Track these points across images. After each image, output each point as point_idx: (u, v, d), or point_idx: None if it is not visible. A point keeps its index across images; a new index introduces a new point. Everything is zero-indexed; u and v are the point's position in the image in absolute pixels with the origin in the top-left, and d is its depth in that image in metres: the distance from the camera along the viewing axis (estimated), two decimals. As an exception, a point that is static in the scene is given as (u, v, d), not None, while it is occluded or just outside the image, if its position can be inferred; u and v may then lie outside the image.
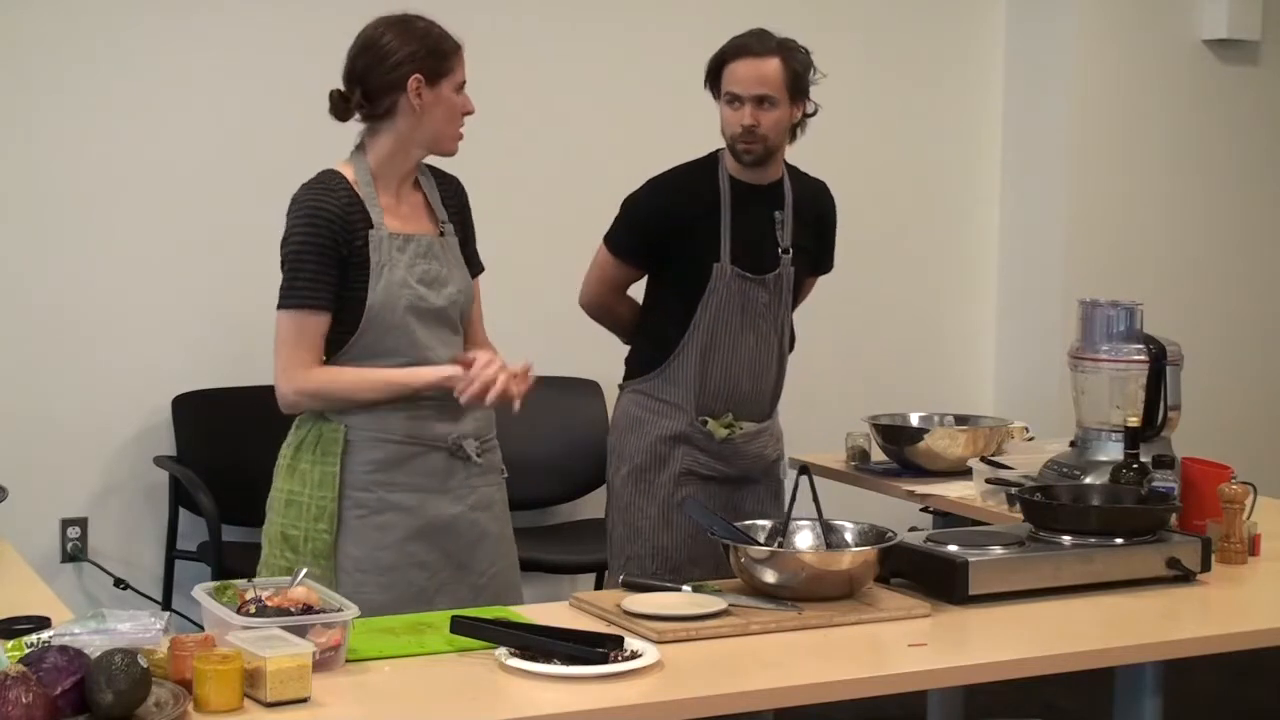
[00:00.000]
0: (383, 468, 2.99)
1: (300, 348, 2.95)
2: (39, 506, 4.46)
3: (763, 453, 3.68)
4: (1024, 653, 2.61)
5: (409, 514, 3.00)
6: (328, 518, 2.98)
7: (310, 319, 2.95)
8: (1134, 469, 3.19)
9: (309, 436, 3.02)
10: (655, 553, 3.58)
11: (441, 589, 3.02)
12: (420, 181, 3.11)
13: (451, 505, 3.04)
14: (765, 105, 3.48)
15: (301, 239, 2.94)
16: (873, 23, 5.57)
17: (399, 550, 3.00)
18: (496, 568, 3.12)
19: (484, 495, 3.10)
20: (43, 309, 4.55)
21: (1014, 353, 5.77)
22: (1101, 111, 5.62)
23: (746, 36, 3.53)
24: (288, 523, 3.02)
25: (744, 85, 3.48)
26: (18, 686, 2.00)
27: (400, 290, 2.97)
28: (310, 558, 2.95)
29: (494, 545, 3.12)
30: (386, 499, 2.99)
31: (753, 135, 3.50)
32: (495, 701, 2.28)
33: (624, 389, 3.71)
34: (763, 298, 3.60)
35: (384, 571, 2.97)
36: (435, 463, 3.02)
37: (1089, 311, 3.54)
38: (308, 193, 2.97)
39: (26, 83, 4.50)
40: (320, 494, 2.98)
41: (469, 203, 3.21)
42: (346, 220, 2.95)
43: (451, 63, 3.01)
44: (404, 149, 3.02)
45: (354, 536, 2.99)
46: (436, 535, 3.03)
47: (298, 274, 2.94)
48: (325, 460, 2.99)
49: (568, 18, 5.12)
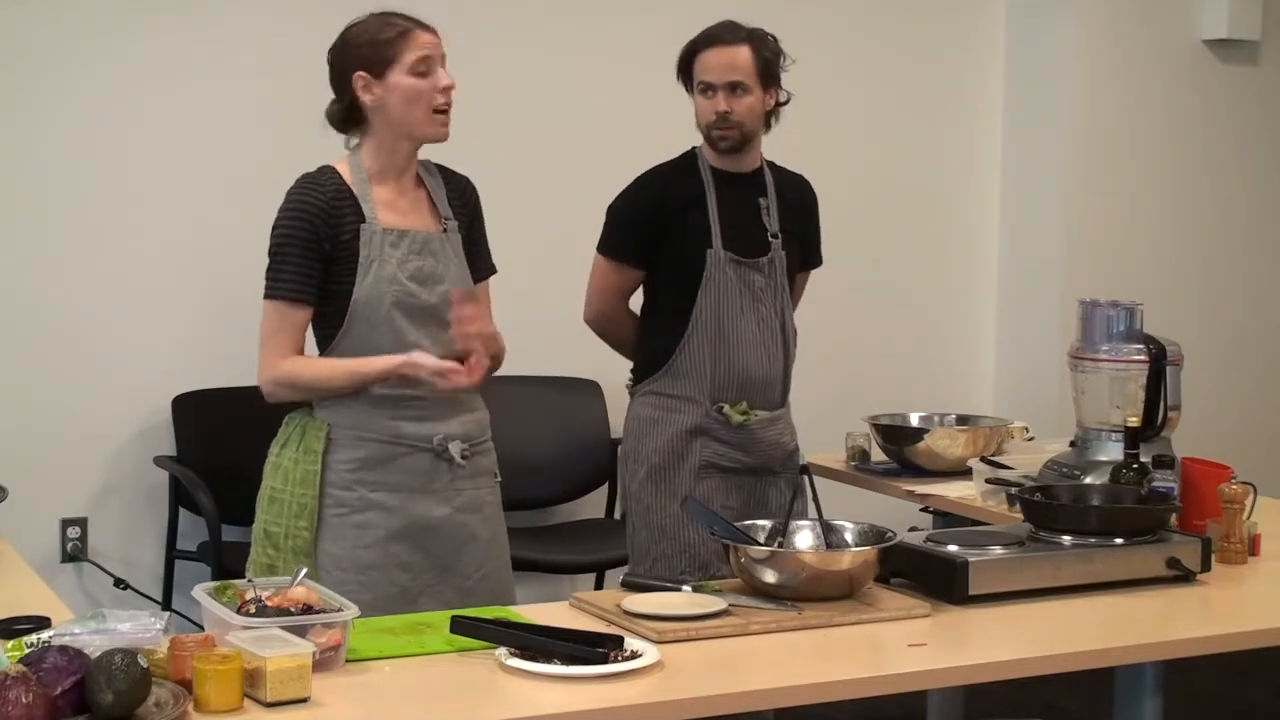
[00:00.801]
0: (365, 466, 2.99)
1: (279, 338, 2.98)
2: (39, 506, 4.45)
3: (780, 440, 3.68)
4: (1024, 653, 2.60)
5: (391, 514, 3.00)
6: (308, 515, 2.98)
7: (290, 310, 2.97)
8: (1134, 469, 3.19)
9: (294, 434, 3.04)
10: (683, 550, 3.57)
11: (426, 590, 3.02)
12: (424, 179, 3.11)
13: (437, 507, 3.04)
14: (738, 92, 3.53)
15: (284, 232, 2.97)
16: (872, 24, 5.57)
17: (380, 550, 2.99)
18: (485, 571, 3.10)
19: (472, 498, 3.09)
20: (43, 309, 4.55)
21: (1014, 353, 5.77)
22: (1101, 111, 5.62)
23: (716, 27, 3.58)
24: (270, 519, 3.03)
25: (716, 73, 3.53)
26: (18, 686, 2.00)
27: (387, 286, 2.97)
28: (290, 555, 2.97)
29: (483, 548, 3.10)
30: (368, 498, 2.99)
31: (727, 122, 3.54)
32: (495, 701, 2.28)
33: (634, 394, 3.71)
34: (759, 281, 3.62)
35: (364, 570, 2.96)
36: (419, 463, 3.02)
37: (1089, 311, 3.55)
38: (296, 187, 3.01)
39: (25, 83, 4.50)
40: (301, 491, 2.99)
41: (479, 203, 3.20)
42: (331, 214, 2.96)
43: (395, 48, 2.98)
44: (387, 144, 3.03)
45: (333, 534, 2.99)
46: (420, 536, 3.02)
47: (280, 267, 2.97)
48: (307, 458, 3.00)
49: (568, 18, 5.12)
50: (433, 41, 3.00)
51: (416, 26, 3.01)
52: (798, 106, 3.70)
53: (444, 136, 3.04)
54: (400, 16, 3.02)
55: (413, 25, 3.00)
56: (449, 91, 3.00)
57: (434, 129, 3.01)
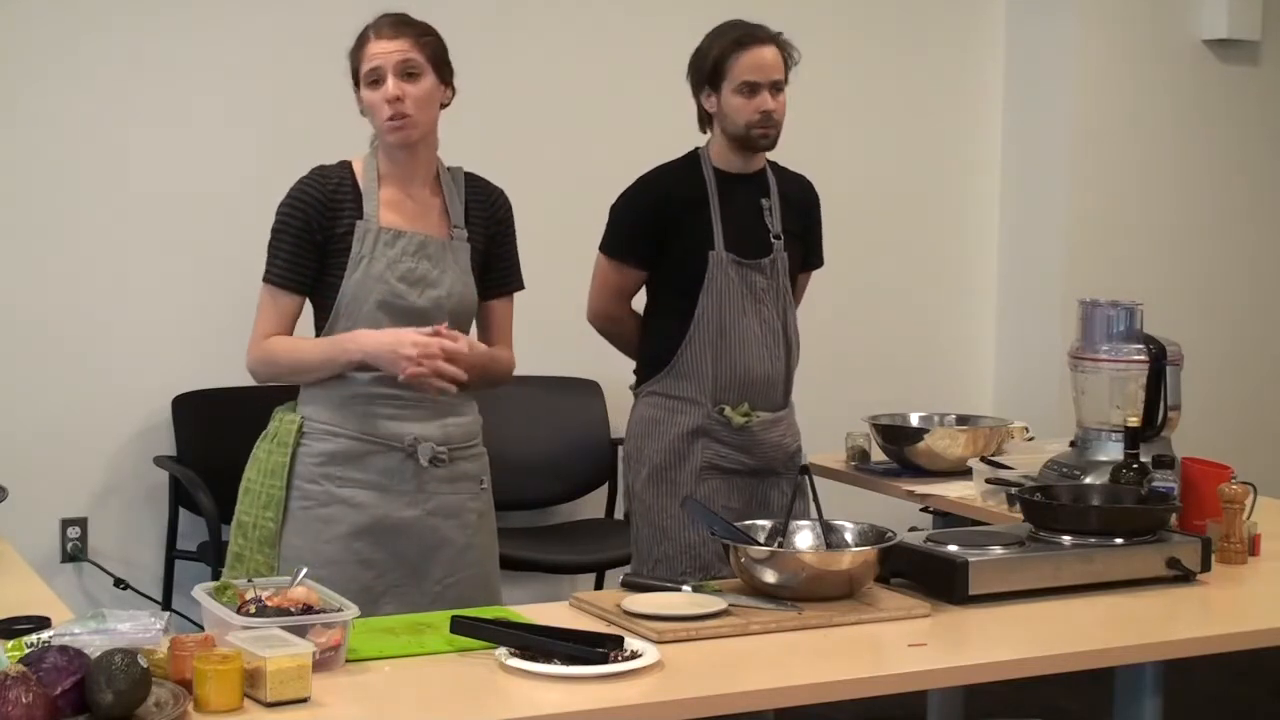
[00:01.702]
0: (333, 461, 3.00)
1: (265, 320, 3.03)
2: (39, 506, 4.46)
3: (781, 441, 3.68)
4: (1024, 653, 2.60)
5: (356, 510, 3.00)
6: (274, 506, 3.00)
7: (279, 296, 3.03)
8: (1134, 469, 3.19)
9: (272, 426, 3.08)
10: (684, 550, 3.57)
11: (390, 591, 3.01)
12: (444, 185, 3.10)
13: (406, 508, 3.03)
14: (777, 89, 3.56)
15: (281, 219, 3.03)
16: (872, 24, 5.57)
17: (343, 545, 2.99)
18: (457, 578, 3.08)
19: (447, 502, 3.07)
20: (43, 309, 4.55)
21: (1014, 353, 5.77)
22: (1102, 111, 5.62)
23: (744, 27, 3.57)
24: (242, 509, 3.07)
25: (762, 72, 3.53)
26: (18, 686, 2.00)
27: (374, 284, 2.98)
28: (256, 545, 3.00)
29: (455, 555, 3.08)
30: (334, 493, 3.00)
31: (770, 120, 3.56)
32: (495, 701, 2.28)
33: (638, 395, 3.72)
34: (761, 282, 3.62)
35: (325, 565, 2.93)
36: (390, 462, 3.01)
37: (1089, 311, 3.54)
38: (303, 176, 3.04)
39: (25, 84, 4.50)
40: (271, 482, 3.02)
41: (509, 218, 3.20)
42: (328, 206, 2.99)
43: (357, 58, 3.02)
44: (382, 146, 3.05)
45: (297, 526, 3.01)
46: (386, 536, 3.02)
47: (274, 252, 3.03)
48: (279, 449, 3.03)
49: (569, 18, 5.12)
50: (385, 50, 2.97)
51: (374, 35, 2.99)
52: (797, 106, 3.70)
53: (403, 141, 3.01)
54: (377, 20, 3.02)
55: (370, 34, 3.00)
56: (396, 103, 2.95)
57: (390, 136, 3.00)
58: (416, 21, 3.04)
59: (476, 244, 3.11)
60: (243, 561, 3.01)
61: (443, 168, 3.12)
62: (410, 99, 2.97)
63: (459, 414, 3.09)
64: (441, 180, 3.11)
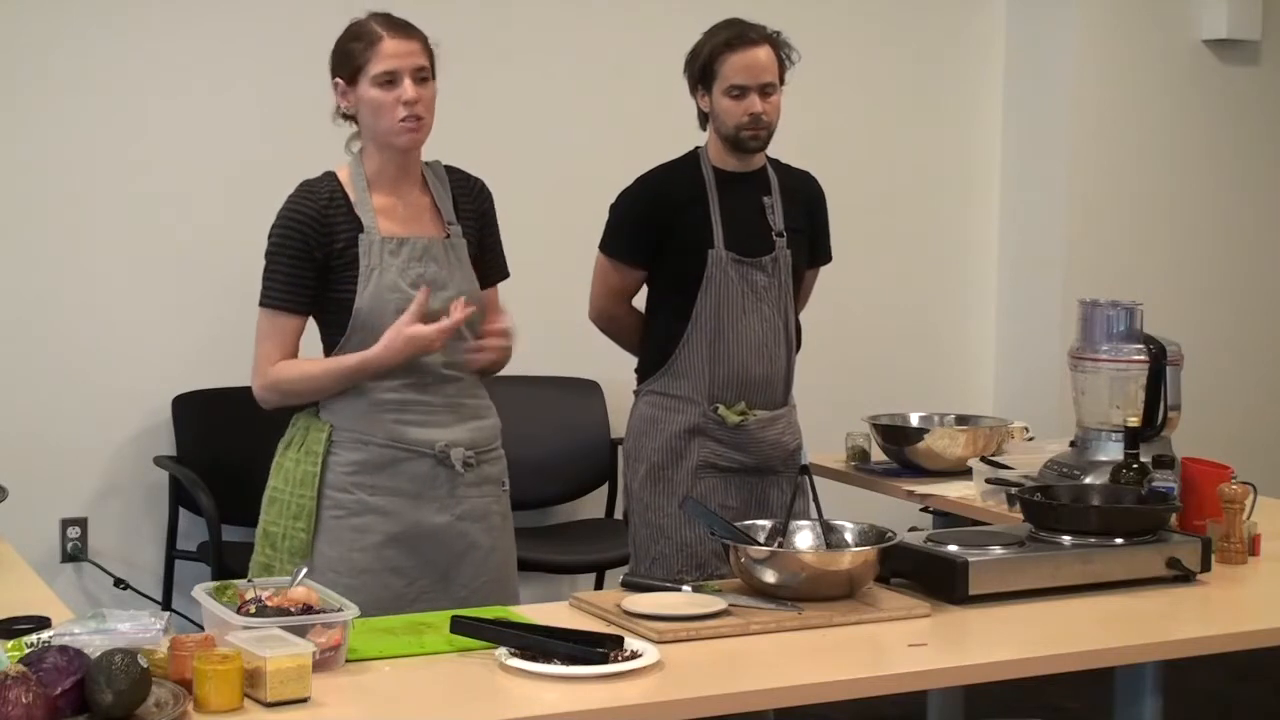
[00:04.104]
0: (364, 470, 2.98)
1: (269, 345, 2.99)
2: (39, 506, 4.46)
3: (780, 440, 3.67)
4: (1024, 653, 2.60)
5: (388, 518, 2.99)
6: (305, 516, 2.98)
7: (280, 318, 2.98)
8: (1134, 469, 3.19)
9: (297, 434, 3.04)
10: (680, 549, 3.57)
11: (421, 597, 3.00)
12: (429, 183, 3.09)
13: (437, 514, 3.02)
14: (768, 91, 3.53)
15: (276, 240, 2.99)
16: (872, 24, 5.57)
17: (375, 554, 2.98)
18: (484, 580, 3.08)
19: (476, 506, 3.07)
20: (43, 309, 4.55)
21: (1014, 353, 5.77)
22: (1101, 111, 5.62)
23: (737, 27, 3.56)
24: (269, 520, 3.03)
25: (750, 75, 3.52)
26: (18, 686, 2.00)
27: (389, 294, 2.96)
28: (287, 555, 2.96)
29: (483, 558, 3.08)
30: (366, 501, 2.98)
31: (760, 122, 3.54)
32: (495, 701, 2.28)
33: (638, 394, 3.72)
34: (761, 280, 3.61)
35: (358, 574, 2.94)
36: (420, 469, 3.00)
37: (1089, 311, 3.54)
38: (293, 194, 3.01)
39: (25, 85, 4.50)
40: (300, 492, 2.99)
41: (492, 208, 3.19)
42: (324, 222, 2.96)
43: (365, 57, 2.95)
44: (373, 150, 3.02)
45: (330, 536, 2.98)
46: (418, 543, 3.01)
47: (272, 275, 2.99)
48: (308, 459, 2.99)
49: (569, 17, 5.12)
50: (401, 51, 2.94)
51: (388, 35, 2.95)
52: (798, 106, 3.70)
53: (414, 144, 3.00)
54: (382, 20, 2.99)
55: (383, 34, 2.95)
56: (413, 105, 2.94)
57: (402, 138, 2.98)
58: (411, 23, 3.03)
59: (470, 238, 3.11)
60: (271, 573, 2.95)
61: (423, 165, 3.11)
62: (423, 102, 2.97)
63: (482, 417, 3.09)
64: (427, 178, 3.09)
